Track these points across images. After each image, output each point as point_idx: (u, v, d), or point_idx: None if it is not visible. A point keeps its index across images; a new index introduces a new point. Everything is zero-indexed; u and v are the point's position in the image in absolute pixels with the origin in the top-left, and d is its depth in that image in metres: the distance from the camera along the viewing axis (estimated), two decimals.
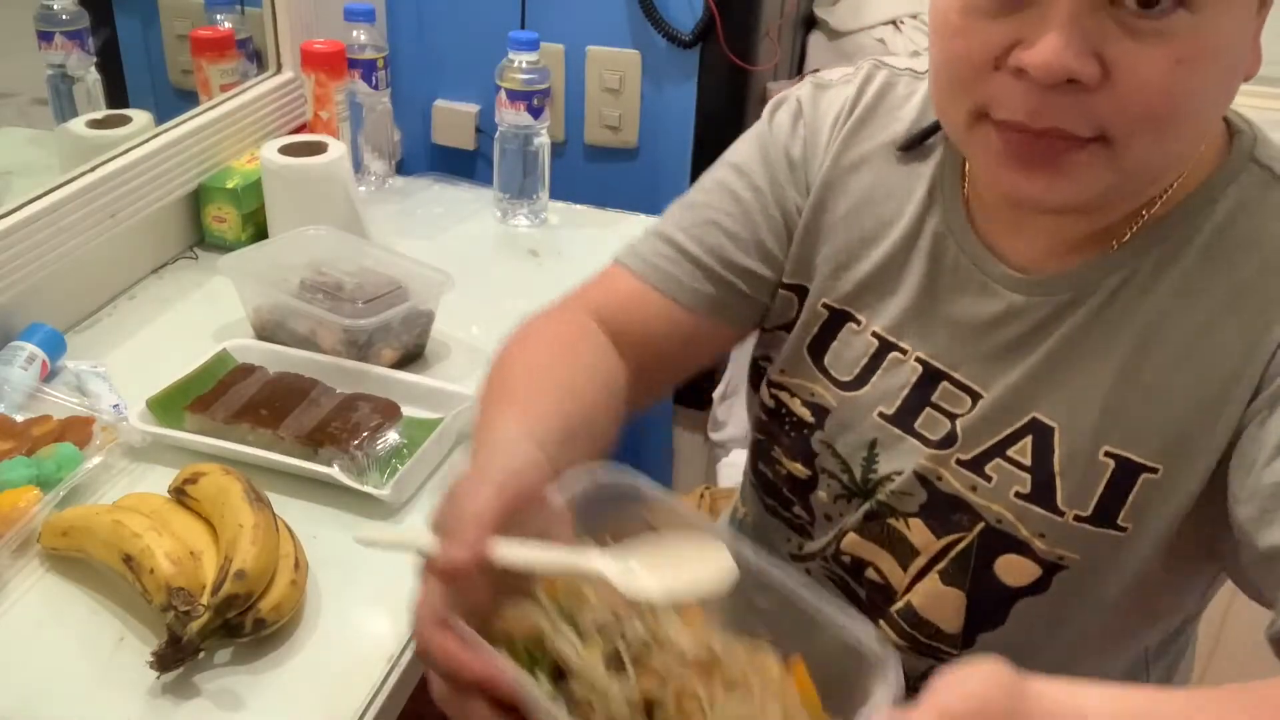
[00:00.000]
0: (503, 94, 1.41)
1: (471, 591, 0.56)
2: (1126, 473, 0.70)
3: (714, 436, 1.74)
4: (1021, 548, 0.73)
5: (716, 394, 1.74)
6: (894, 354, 0.78)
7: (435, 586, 0.56)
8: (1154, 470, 0.69)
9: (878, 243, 0.79)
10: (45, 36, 1.23)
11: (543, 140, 1.44)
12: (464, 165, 1.70)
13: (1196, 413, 0.67)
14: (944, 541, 0.77)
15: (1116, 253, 0.70)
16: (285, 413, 0.95)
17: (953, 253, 0.76)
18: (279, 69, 1.42)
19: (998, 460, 0.74)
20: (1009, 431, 0.73)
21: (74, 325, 1.15)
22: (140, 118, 1.26)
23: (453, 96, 1.66)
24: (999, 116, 0.64)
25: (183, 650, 0.73)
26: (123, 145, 1.19)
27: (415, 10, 1.61)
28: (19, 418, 0.95)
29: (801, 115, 0.83)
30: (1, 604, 0.80)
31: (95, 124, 1.24)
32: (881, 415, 0.79)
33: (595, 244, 1.33)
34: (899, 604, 0.80)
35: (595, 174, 1.65)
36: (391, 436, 0.94)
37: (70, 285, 1.13)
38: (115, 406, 0.99)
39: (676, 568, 0.57)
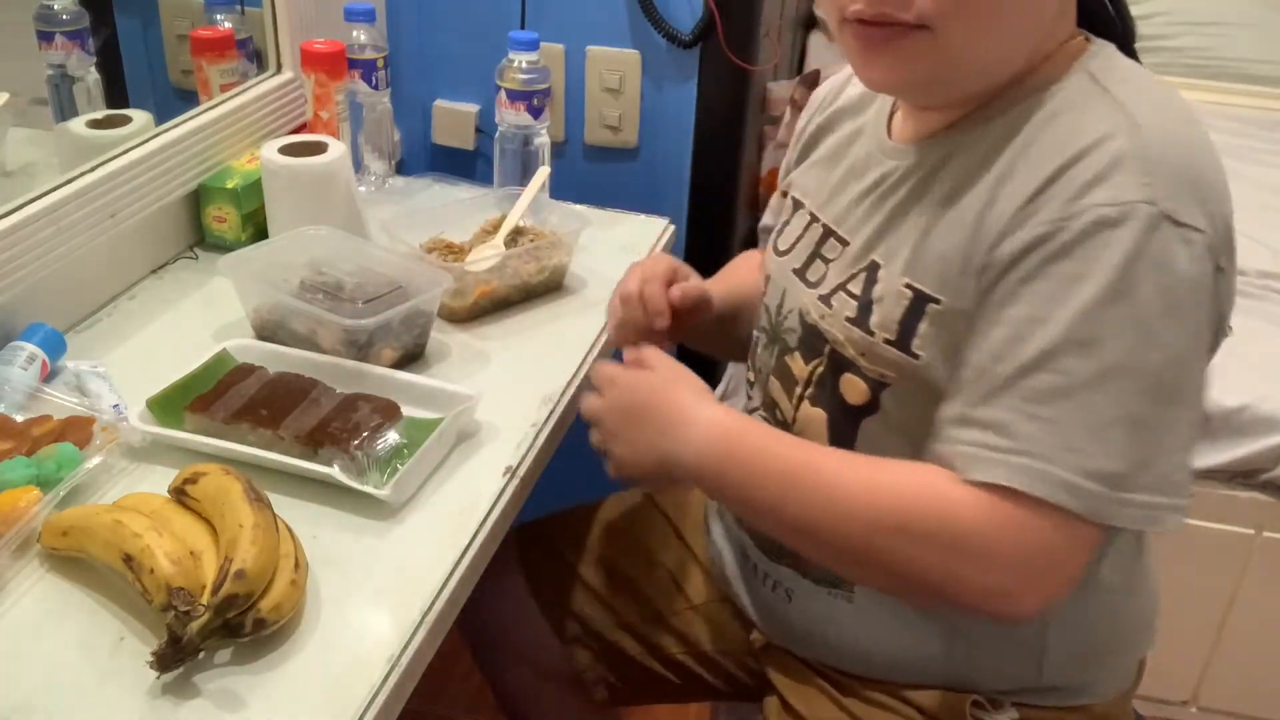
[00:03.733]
0: (503, 94, 1.41)
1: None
2: (919, 302, 0.82)
3: None
4: (852, 367, 0.86)
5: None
6: (814, 224, 0.95)
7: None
8: (938, 301, 0.81)
9: (830, 144, 0.98)
10: (45, 36, 1.22)
11: (543, 140, 1.44)
12: (464, 165, 1.70)
13: (960, 260, 0.79)
14: (810, 367, 0.91)
15: (952, 132, 0.83)
16: (285, 413, 0.95)
17: (868, 142, 0.92)
18: (279, 69, 1.42)
19: (840, 292, 0.88)
20: (854, 271, 0.88)
21: (74, 325, 1.15)
22: (140, 118, 1.25)
23: (453, 96, 1.67)
24: (848, 14, 0.78)
25: (183, 650, 0.73)
26: (123, 145, 1.19)
27: (415, 10, 1.61)
28: (19, 418, 0.95)
29: (834, 83, 1.04)
30: (1, 604, 0.80)
31: (95, 124, 1.23)
32: (793, 270, 0.95)
33: (595, 244, 1.33)
34: (792, 433, 0.93)
35: (595, 174, 1.65)
36: (391, 436, 0.94)
37: (70, 285, 1.13)
38: (115, 406, 0.99)
39: None
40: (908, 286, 0.82)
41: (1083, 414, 0.71)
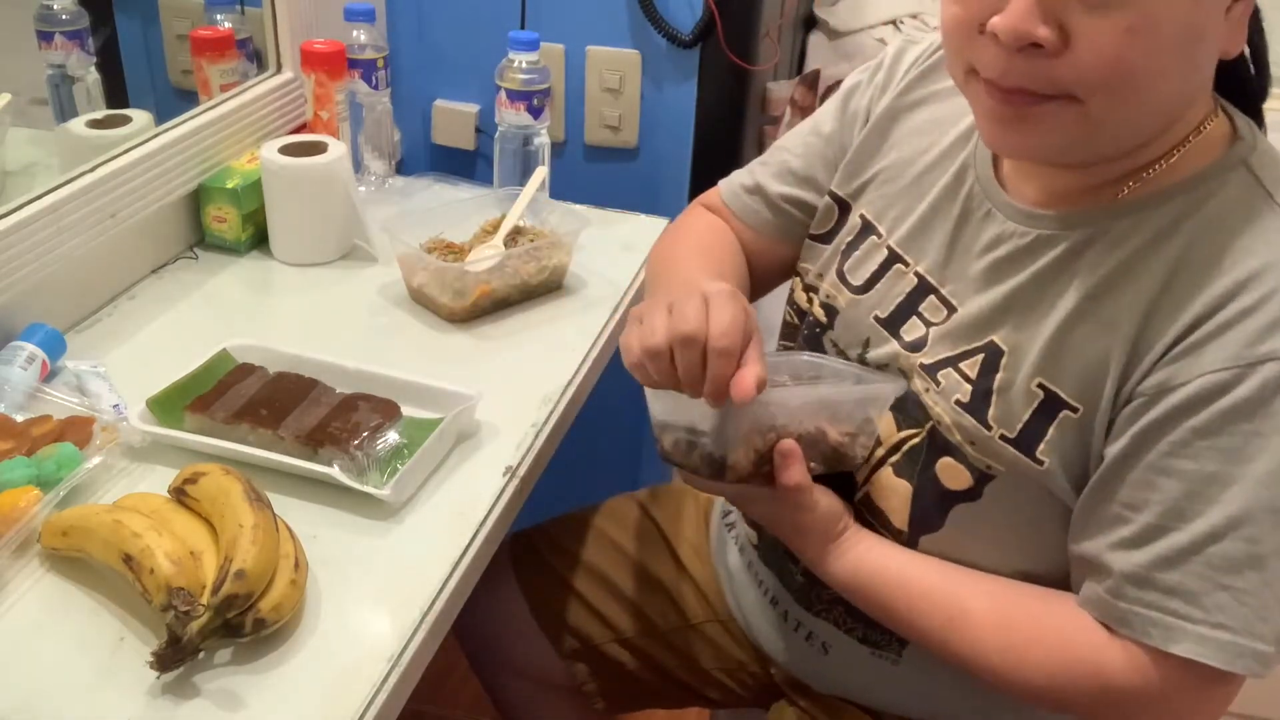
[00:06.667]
0: (503, 94, 1.41)
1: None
2: (1051, 406, 0.76)
3: None
4: (956, 453, 0.81)
5: None
6: (899, 265, 0.88)
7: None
8: (1074, 410, 0.76)
9: (914, 164, 0.89)
10: (45, 36, 1.22)
11: (543, 140, 1.44)
12: (464, 165, 1.70)
13: (1112, 375, 0.74)
14: (901, 434, 0.85)
15: (1095, 210, 0.77)
16: (285, 413, 0.95)
17: (970, 182, 0.84)
18: (279, 69, 1.42)
19: (950, 369, 0.82)
20: (968, 347, 0.81)
21: (74, 325, 1.15)
22: (140, 118, 1.25)
23: (453, 96, 1.67)
24: (983, 75, 0.72)
25: (183, 650, 0.73)
26: (123, 145, 1.19)
27: (415, 10, 1.61)
28: (19, 418, 0.95)
29: (881, 67, 0.95)
30: (1, 604, 0.80)
31: (95, 124, 1.23)
32: (876, 318, 0.88)
33: (595, 244, 1.33)
34: (859, 494, 0.89)
35: (595, 174, 1.65)
36: (391, 436, 0.94)
37: (70, 285, 1.13)
38: (115, 406, 0.99)
39: None
40: (1040, 387, 0.77)
41: (1272, 581, 0.70)
